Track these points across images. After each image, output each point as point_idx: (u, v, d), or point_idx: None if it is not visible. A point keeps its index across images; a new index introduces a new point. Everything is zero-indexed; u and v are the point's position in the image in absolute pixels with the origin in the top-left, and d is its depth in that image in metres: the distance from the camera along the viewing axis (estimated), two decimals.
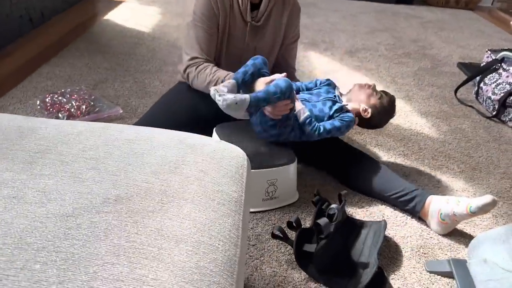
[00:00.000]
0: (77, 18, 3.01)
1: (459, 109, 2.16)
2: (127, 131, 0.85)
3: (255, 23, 1.46)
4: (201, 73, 1.43)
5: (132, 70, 2.25)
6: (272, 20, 1.49)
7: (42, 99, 1.81)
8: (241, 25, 1.46)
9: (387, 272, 1.18)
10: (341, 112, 1.41)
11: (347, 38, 3.07)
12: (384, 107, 1.45)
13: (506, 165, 1.71)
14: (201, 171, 0.77)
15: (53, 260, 0.55)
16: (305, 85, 1.50)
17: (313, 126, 1.34)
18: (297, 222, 1.17)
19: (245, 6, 1.42)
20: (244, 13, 1.43)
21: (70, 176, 0.70)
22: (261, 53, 1.50)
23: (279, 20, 1.51)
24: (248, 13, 1.43)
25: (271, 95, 1.23)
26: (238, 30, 1.47)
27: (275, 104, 1.26)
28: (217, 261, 0.62)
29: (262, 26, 1.48)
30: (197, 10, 1.44)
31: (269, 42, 1.53)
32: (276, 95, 1.23)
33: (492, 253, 1.09)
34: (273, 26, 1.51)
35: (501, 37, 3.45)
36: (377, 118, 1.47)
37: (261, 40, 1.50)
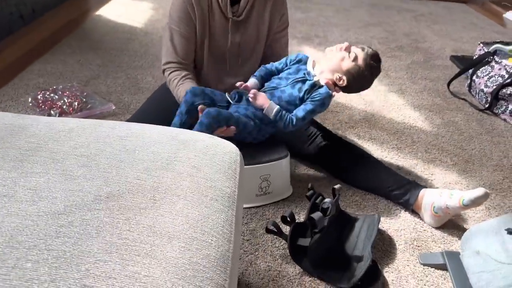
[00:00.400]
0: (69, 14, 2.98)
1: (452, 102, 2.17)
2: (119, 127, 0.84)
3: (237, 18, 1.42)
4: (170, 82, 1.43)
5: (125, 66, 2.24)
6: (254, 13, 1.44)
7: (34, 96, 1.79)
8: (223, 22, 1.42)
9: (381, 265, 1.19)
10: (312, 90, 1.30)
11: (341, 33, 3.07)
12: (361, 69, 1.29)
13: (499, 157, 1.72)
14: (193, 167, 0.76)
15: (44, 259, 0.55)
16: (275, 67, 1.39)
17: (285, 120, 1.27)
18: (291, 217, 1.17)
19: (224, 2, 1.38)
20: (224, 9, 1.39)
21: (61, 174, 0.69)
22: (246, 48, 1.48)
23: (262, 12, 1.46)
24: (228, 9, 1.39)
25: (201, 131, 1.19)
26: (219, 28, 1.43)
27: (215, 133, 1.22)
28: (210, 257, 0.62)
29: (244, 21, 1.43)
30: (173, 13, 1.40)
31: (253, 36, 1.48)
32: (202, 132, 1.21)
33: (484, 245, 1.10)
34: (256, 19, 1.45)
35: (494, 30, 3.46)
36: (356, 84, 1.33)
37: (244, 35, 1.45)
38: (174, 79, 1.41)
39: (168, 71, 1.44)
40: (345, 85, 1.32)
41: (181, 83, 1.40)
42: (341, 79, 1.30)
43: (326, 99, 1.30)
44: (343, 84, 1.32)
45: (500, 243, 1.07)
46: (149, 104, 1.56)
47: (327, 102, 1.31)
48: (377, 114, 1.98)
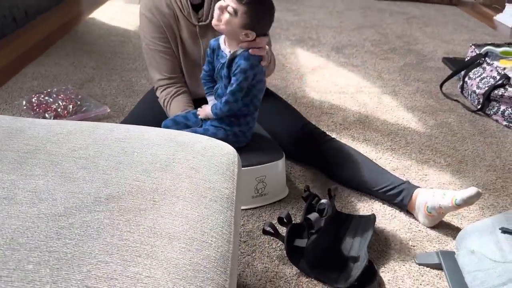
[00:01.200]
0: (62, 17, 2.98)
1: (444, 103, 2.19)
2: (117, 130, 0.84)
3: (203, 22, 1.42)
4: (161, 103, 1.46)
5: (119, 68, 2.24)
6: None
7: (28, 100, 1.79)
8: (191, 30, 1.43)
9: (377, 266, 1.20)
10: (232, 67, 1.21)
11: (334, 35, 3.09)
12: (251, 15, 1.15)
13: (491, 158, 1.74)
14: (192, 169, 0.77)
15: (46, 260, 0.55)
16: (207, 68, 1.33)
17: (218, 108, 1.24)
18: (288, 218, 1.18)
19: (187, 9, 1.39)
20: (188, 17, 1.40)
21: (61, 176, 0.70)
22: None
23: None
24: (193, 16, 1.40)
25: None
26: (189, 36, 1.43)
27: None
28: (210, 257, 0.63)
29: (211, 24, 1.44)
30: (146, 34, 1.42)
31: None
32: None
33: (479, 244, 1.11)
34: None
35: (485, 32, 3.50)
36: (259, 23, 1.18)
37: (215, 37, 1.43)
38: (163, 100, 1.45)
39: (159, 90, 1.47)
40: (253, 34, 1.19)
41: (168, 104, 1.44)
42: (246, 34, 1.18)
43: (246, 68, 1.19)
44: (251, 37, 1.19)
45: (494, 242, 1.08)
46: (140, 106, 1.57)
47: (248, 70, 1.19)
48: (371, 116, 2.00)
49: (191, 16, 1.40)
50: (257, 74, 1.23)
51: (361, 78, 2.40)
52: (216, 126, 1.30)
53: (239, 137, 1.33)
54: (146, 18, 1.41)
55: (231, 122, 1.30)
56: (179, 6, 1.39)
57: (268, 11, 1.21)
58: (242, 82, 1.21)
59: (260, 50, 1.22)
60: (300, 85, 2.25)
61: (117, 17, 3.04)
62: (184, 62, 1.48)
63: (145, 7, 1.41)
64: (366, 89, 2.27)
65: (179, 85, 1.47)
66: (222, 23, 1.17)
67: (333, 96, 2.15)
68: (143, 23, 1.42)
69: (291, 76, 2.35)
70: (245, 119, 1.31)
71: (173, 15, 1.40)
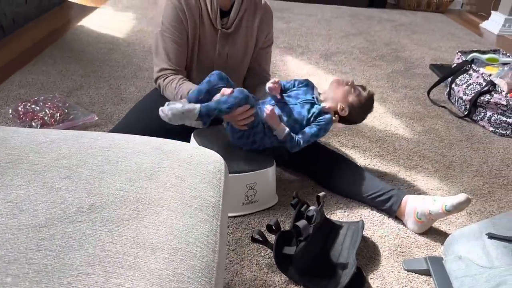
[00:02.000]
0: (50, 24, 2.96)
1: (432, 109, 2.21)
2: (101, 138, 0.83)
3: (226, 30, 1.44)
4: (168, 86, 1.42)
5: (107, 76, 2.23)
6: (243, 26, 1.48)
7: (15, 108, 1.77)
8: (212, 33, 1.44)
9: (366, 272, 1.19)
10: (319, 114, 1.39)
11: (323, 42, 3.11)
12: (362, 104, 1.43)
13: (478, 163, 1.76)
14: (177, 177, 0.76)
15: (25, 273, 0.54)
16: (283, 84, 1.46)
17: (293, 142, 1.34)
18: (277, 225, 1.18)
19: (215, 13, 1.40)
20: (214, 20, 1.41)
21: (43, 186, 0.68)
22: (234, 60, 1.50)
23: (251, 26, 1.50)
24: (218, 21, 1.41)
25: (222, 104, 1.22)
26: (208, 38, 1.44)
27: (233, 113, 1.25)
28: (195, 267, 0.62)
29: (233, 33, 1.47)
30: (165, 21, 1.41)
31: (241, 49, 1.51)
32: (227, 104, 1.22)
33: (466, 250, 1.12)
34: (244, 32, 1.49)
35: (471, 39, 3.55)
36: (355, 115, 1.45)
37: (232, 47, 1.48)
38: (172, 82, 1.42)
39: (162, 77, 1.44)
40: (346, 115, 1.42)
41: (181, 83, 1.40)
42: (343, 109, 1.41)
43: (328, 125, 1.39)
44: (345, 114, 1.41)
45: (481, 247, 1.09)
46: (133, 114, 1.55)
47: (328, 127, 1.40)
48: None
49: (217, 20, 1.41)
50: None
51: None
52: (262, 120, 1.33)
53: (261, 143, 1.36)
54: (172, 5, 1.39)
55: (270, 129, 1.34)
56: (207, 7, 1.40)
57: (363, 118, 1.48)
58: (321, 131, 1.38)
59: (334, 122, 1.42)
60: None
61: (106, 24, 3.03)
62: (196, 63, 1.49)
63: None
64: None
65: (184, 77, 1.45)
66: (343, 88, 1.41)
67: None
68: (168, 9, 1.40)
69: None
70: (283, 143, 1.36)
71: (199, 13, 1.40)
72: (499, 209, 1.49)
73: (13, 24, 2.72)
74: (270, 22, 1.57)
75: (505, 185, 1.63)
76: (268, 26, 1.56)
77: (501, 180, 1.66)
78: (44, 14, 3.14)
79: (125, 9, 3.44)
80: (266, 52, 1.62)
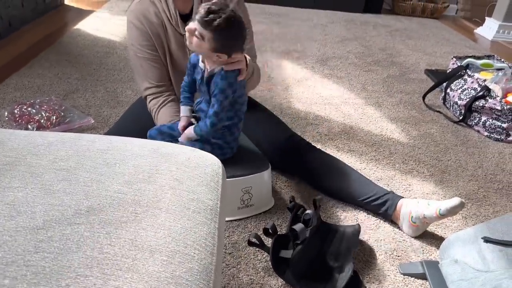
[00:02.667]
0: (47, 28, 2.96)
1: (427, 114, 2.22)
2: (99, 141, 0.83)
3: None
4: (151, 111, 1.45)
5: (104, 79, 2.22)
6: None
7: (10, 111, 1.76)
8: (179, 39, 1.42)
9: (362, 276, 1.20)
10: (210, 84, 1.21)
11: (318, 47, 3.12)
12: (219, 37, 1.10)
13: (474, 168, 1.77)
14: (175, 180, 0.76)
15: (23, 275, 0.54)
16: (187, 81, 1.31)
17: (202, 130, 1.23)
18: (273, 229, 1.18)
19: (175, 19, 1.38)
20: (176, 26, 1.40)
21: (41, 188, 0.68)
22: None
23: None
24: (180, 25, 1.39)
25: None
26: (177, 45, 1.43)
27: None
28: (193, 270, 0.62)
29: None
30: (133, 42, 1.40)
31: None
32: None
33: (462, 254, 1.12)
34: None
35: (465, 45, 3.58)
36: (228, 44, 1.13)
37: None
38: (152, 110, 1.44)
39: (148, 98, 1.45)
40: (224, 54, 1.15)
41: (156, 114, 1.43)
42: (218, 56, 1.15)
43: (224, 83, 1.18)
44: (223, 57, 1.15)
45: (477, 251, 1.10)
46: (127, 118, 1.55)
47: (226, 88, 1.18)
48: (355, 127, 2.02)
49: (179, 25, 1.39)
50: (236, 89, 1.22)
51: (345, 89, 2.43)
52: (202, 141, 1.29)
53: (224, 149, 1.33)
54: (134, 26, 1.39)
55: (215, 134, 1.29)
56: (167, 15, 1.39)
57: (237, 34, 1.14)
58: (223, 102, 1.20)
59: (237, 64, 1.19)
60: (285, 96, 2.27)
61: (102, 28, 3.03)
62: (172, 72, 1.47)
63: (133, 15, 1.40)
64: (350, 100, 2.30)
65: (167, 93, 1.45)
66: (193, 45, 1.13)
67: (318, 107, 2.17)
68: (131, 31, 1.41)
69: (276, 88, 2.36)
70: (230, 131, 1.31)
71: (161, 24, 1.40)
72: (494, 213, 1.50)
73: (9, 27, 2.72)
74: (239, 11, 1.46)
75: (500, 190, 1.64)
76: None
77: (496, 185, 1.67)
78: (41, 17, 3.14)
79: (121, 13, 3.45)
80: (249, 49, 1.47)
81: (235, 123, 1.31)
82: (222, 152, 1.32)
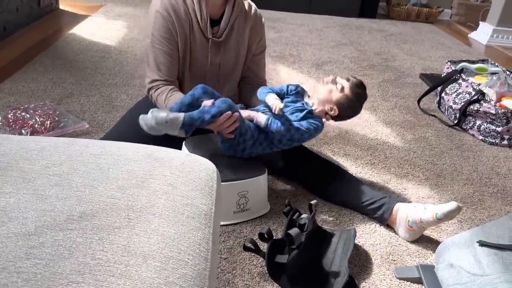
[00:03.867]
0: (42, 32, 2.95)
1: (422, 118, 2.23)
2: (92, 146, 0.83)
3: (217, 39, 1.44)
4: (158, 98, 1.42)
5: (99, 84, 2.22)
6: (234, 34, 1.47)
7: (4, 115, 1.75)
8: (203, 42, 1.43)
9: (358, 280, 1.19)
10: (307, 117, 1.36)
11: (314, 52, 3.13)
12: (349, 98, 1.36)
13: (469, 172, 1.77)
14: (169, 185, 0.76)
15: (14, 282, 0.53)
16: (276, 91, 1.41)
17: (276, 124, 1.30)
18: (269, 234, 1.17)
19: (205, 22, 1.40)
20: (204, 30, 1.41)
21: (33, 194, 0.68)
22: (226, 68, 1.50)
23: (242, 34, 1.50)
24: (208, 30, 1.41)
25: (205, 113, 1.22)
26: (200, 48, 1.44)
27: (216, 122, 1.24)
28: (187, 276, 0.61)
29: (224, 42, 1.46)
30: (155, 32, 1.40)
31: (233, 57, 1.51)
32: (209, 113, 1.22)
33: (457, 258, 1.12)
34: (235, 40, 1.49)
35: (460, 49, 3.60)
36: (346, 112, 1.39)
37: (224, 55, 1.48)
38: (161, 93, 1.41)
39: (154, 88, 1.44)
40: (336, 114, 1.38)
41: (170, 94, 1.40)
42: (332, 109, 1.37)
43: (317, 128, 1.37)
44: (335, 113, 1.38)
45: (472, 255, 1.10)
46: (124, 122, 1.55)
47: (316, 130, 1.38)
48: (350, 131, 2.02)
49: (207, 29, 1.40)
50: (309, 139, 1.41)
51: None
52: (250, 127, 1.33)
53: (251, 150, 1.36)
54: (162, 16, 1.38)
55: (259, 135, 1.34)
56: (197, 16, 1.39)
57: (359, 109, 1.41)
58: (307, 129, 1.35)
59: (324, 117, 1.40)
60: None
61: (97, 32, 3.02)
62: (188, 73, 1.48)
63: (163, 5, 1.38)
64: None
65: (175, 88, 1.44)
66: (325, 88, 1.37)
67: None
68: (158, 21, 1.39)
69: None
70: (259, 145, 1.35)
71: (188, 23, 1.40)
72: (489, 217, 1.51)
73: (4, 32, 2.71)
74: (261, 29, 1.56)
75: (495, 193, 1.64)
76: (260, 33, 1.55)
77: (491, 188, 1.67)
78: (35, 22, 3.13)
79: (116, 17, 3.44)
80: (260, 59, 1.61)
81: (264, 148, 1.38)
82: (245, 148, 1.35)
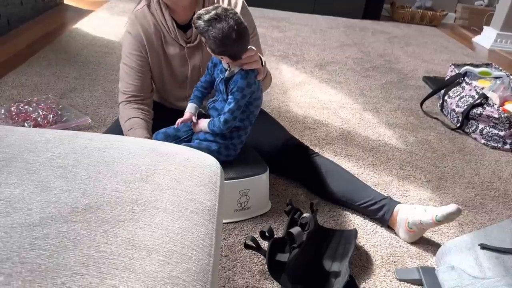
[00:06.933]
0: (46, 26, 2.95)
1: (425, 121, 2.23)
2: (97, 139, 0.83)
3: (192, 44, 1.40)
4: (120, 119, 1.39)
5: (102, 79, 2.22)
6: None
7: (7, 108, 1.75)
8: (179, 51, 1.40)
9: (358, 281, 1.19)
10: (228, 84, 1.23)
11: (317, 52, 3.13)
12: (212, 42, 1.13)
13: (470, 175, 1.77)
14: (173, 180, 0.76)
15: (18, 272, 0.53)
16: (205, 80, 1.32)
17: (216, 125, 1.24)
18: (270, 232, 1.17)
19: (173, 32, 1.36)
20: (176, 39, 1.38)
21: (37, 185, 0.68)
22: None
23: None
24: (180, 38, 1.37)
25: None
26: (177, 57, 1.41)
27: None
28: (190, 270, 0.61)
29: (200, 44, 1.41)
30: (124, 50, 1.40)
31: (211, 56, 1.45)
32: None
33: (459, 260, 1.12)
34: None
35: (463, 53, 3.60)
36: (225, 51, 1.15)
37: (204, 57, 1.42)
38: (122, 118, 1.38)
39: (124, 103, 1.40)
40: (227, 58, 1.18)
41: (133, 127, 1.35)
42: (223, 59, 1.20)
43: (243, 82, 1.19)
44: (226, 60, 1.20)
45: (474, 258, 1.10)
46: None
47: (245, 89, 1.20)
48: (353, 132, 2.02)
49: (179, 38, 1.37)
50: (254, 91, 1.24)
51: (343, 94, 2.44)
52: (210, 140, 1.29)
53: (230, 150, 1.32)
54: (130, 35, 1.38)
55: (224, 135, 1.29)
56: (165, 27, 1.37)
57: (226, 37, 1.11)
58: (240, 101, 1.21)
59: (254, 64, 1.20)
60: (284, 100, 2.27)
61: (101, 28, 3.02)
62: (169, 80, 1.46)
63: (132, 25, 1.38)
64: (348, 105, 2.30)
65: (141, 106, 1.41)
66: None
67: (316, 112, 2.17)
68: (126, 39, 1.39)
69: (275, 91, 2.36)
70: (238, 133, 1.31)
71: (160, 36, 1.38)
72: (490, 221, 1.50)
73: (8, 25, 2.71)
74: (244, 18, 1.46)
75: (497, 197, 1.64)
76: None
77: (493, 192, 1.67)
78: (40, 16, 3.13)
79: (121, 13, 3.44)
80: (253, 41, 1.47)
81: (245, 126, 1.31)
82: (227, 154, 1.32)
